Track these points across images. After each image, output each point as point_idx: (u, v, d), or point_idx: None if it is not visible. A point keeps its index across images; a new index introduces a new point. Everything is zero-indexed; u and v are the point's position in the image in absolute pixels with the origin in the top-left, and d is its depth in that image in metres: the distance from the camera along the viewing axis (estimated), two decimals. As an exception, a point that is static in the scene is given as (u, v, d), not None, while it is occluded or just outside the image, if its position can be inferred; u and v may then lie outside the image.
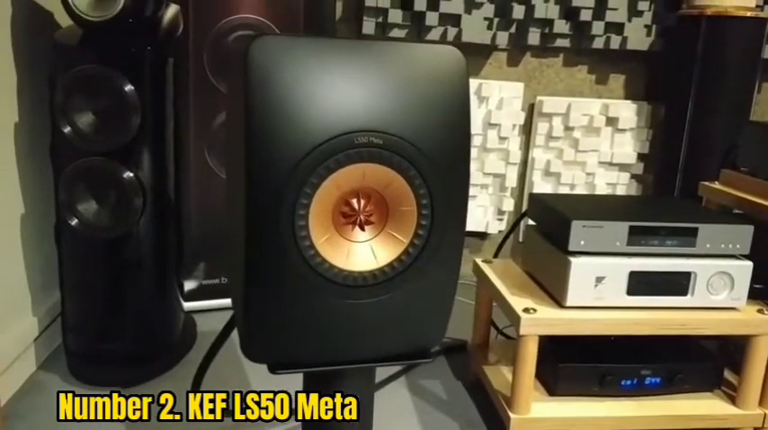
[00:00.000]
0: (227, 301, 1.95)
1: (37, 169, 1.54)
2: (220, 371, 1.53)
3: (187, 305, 1.86)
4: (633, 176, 2.27)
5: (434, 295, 0.55)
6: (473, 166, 2.21)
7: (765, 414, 1.37)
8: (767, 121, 1.54)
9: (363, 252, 0.52)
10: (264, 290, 0.50)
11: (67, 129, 1.35)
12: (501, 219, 2.29)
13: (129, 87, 1.38)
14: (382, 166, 0.49)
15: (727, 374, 1.46)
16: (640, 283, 1.29)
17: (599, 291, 1.28)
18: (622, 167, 2.26)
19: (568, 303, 1.28)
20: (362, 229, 0.52)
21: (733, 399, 1.39)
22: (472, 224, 2.26)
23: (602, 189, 2.26)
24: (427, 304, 0.55)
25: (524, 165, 2.27)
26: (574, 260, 1.27)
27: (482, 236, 2.33)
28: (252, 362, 0.60)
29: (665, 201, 1.47)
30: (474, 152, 2.20)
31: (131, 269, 1.50)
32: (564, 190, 2.26)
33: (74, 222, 1.40)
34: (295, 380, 0.64)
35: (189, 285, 1.91)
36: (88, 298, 1.50)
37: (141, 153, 1.44)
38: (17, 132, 1.46)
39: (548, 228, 1.39)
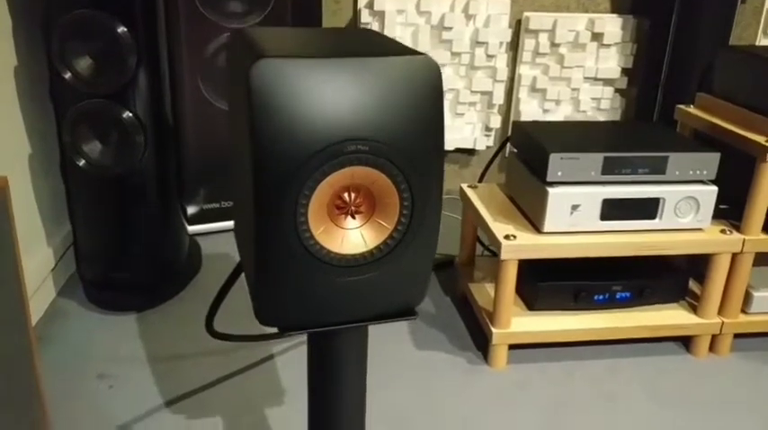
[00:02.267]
0: (227, 224, 2.06)
1: (38, 110, 1.60)
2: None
3: (190, 229, 1.97)
4: (617, 91, 2.33)
5: (415, 267, 0.64)
6: (461, 84, 2.26)
7: (723, 322, 1.51)
8: (743, 47, 1.58)
9: (354, 237, 0.61)
10: (272, 273, 0.60)
11: (68, 75, 1.40)
12: (488, 136, 2.36)
13: (122, 29, 1.42)
14: (368, 168, 0.58)
15: (693, 285, 1.59)
16: (613, 209, 1.39)
17: (574, 218, 1.39)
18: (606, 82, 2.31)
19: (546, 229, 1.39)
20: (353, 218, 0.61)
21: (695, 309, 1.53)
22: (461, 141, 2.33)
23: (586, 104, 2.32)
24: (410, 274, 0.64)
25: (511, 81, 2.31)
26: (551, 190, 1.36)
27: (470, 152, 2.41)
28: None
29: (639, 129, 1.55)
30: (462, 70, 2.25)
31: (137, 200, 1.59)
32: (550, 106, 2.32)
33: (81, 163, 1.47)
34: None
35: (191, 210, 2.01)
36: (98, 229, 1.60)
37: (139, 91, 1.49)
38: (17, 76, 1.50)
39: (528, 158, 1.48)
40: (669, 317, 1.51)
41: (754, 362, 1.53)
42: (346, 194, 0.59)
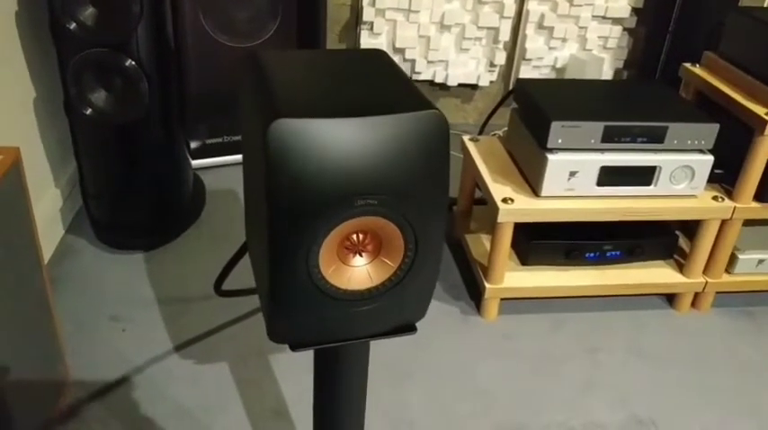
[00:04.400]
0: (229, 158, 2.08)
1: (41, 54, 1.59)
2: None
3: (193, 163, 2.00)
4: (626, 30, 2.29)
5: (417, 296, 0.69)
6: (467, 18, 2.22)
7: (706, 281, 1.58)
8: (755, 10, 1.56)
9: (361, 274, 0.65)
10: (284, 304, 0.65)
11: (72, 26, 1.38)
12: (492, 71, 2.34)
13: (124, -25, 1.39)
14: (376, 218, 0.61)
15: (682, 241, 1.65)
16: (609, 176, 1.42)
17: (571, 183, 1.42)
18: (615, 21, 2.27)
19: (543, 194, 1.42)
20: (360, 256, 0.65)
21: (681, 268, 1.59)
22: (464, 76, 2.32)
23: (593, 42, 2.29)
24: (412, 302, 0.69)
25: (518, 17, 2.27)
26: (551, 157, 1.39)
27: (473, 87, 2.40)
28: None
29: (641, 92, 1.55)
30: (469, 4, 2.20)
31: (141, 142, 1.61)
32: (555, 43, 2.29)
33: (88, 112, 1.48)
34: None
35: (193, 145, 2.03)
36: (104, 171, 1.62)
37: (142, 39, 1.47)
38: (19, 20, 1.49)
39: (529, 119, 1.49)
40: (655, 275, 1.58)
41: (733, 318, 1.61)
42: (355, 236, 0.63)
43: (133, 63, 1.47)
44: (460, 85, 2.37)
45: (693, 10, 2.04)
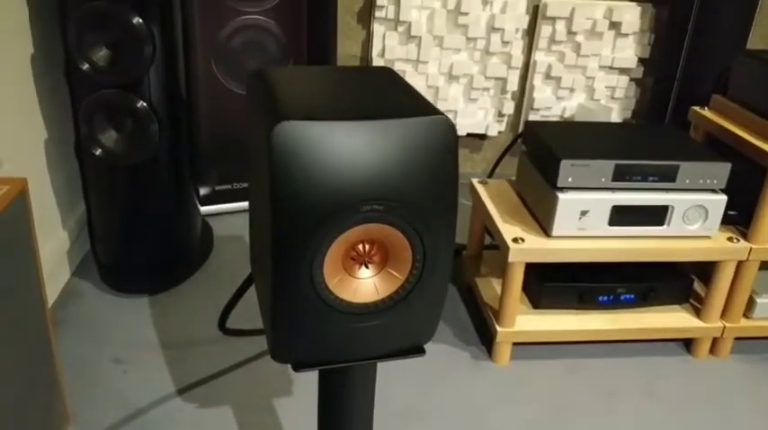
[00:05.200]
0: (238, 205, 2.08)
1: (54, 96, 1.61)
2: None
3: (202, 210, 2.00)
4: (632, 80, 2.31)
5: (426, 312, 0.67)
6: (475, 69, 2.25)
7: (724, 326, 1.53)
8: (761, 52, 1.57)
9: (367, 287, 0.63)
10: (288, 318, 0.62)
11: (85, 66, 1.40)
12: (501, 121, 2.36)
13: (137, 20, 1.42)
14: (382, 225, 0.60)
15: (698, 285, 1.61)
16: (621, 215, 1.40)
17: (583, 223, 1.40)
18: (622, 71, 2.29)
19: (554, 233, 1.40)
20: (367, 268, 0.63)
21: (698, 312, 1.55)
22: (473, 126, 2.33)
23: (600, 92, 2.31)
24: (420, 318, 0.67)
25: (526, 68, 2.30)
26: (561, 196, 1.37)
27: (482, 137, 2.41)
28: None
29: (651, 133, 1.54)
30: (477, 55, 2.23)
31: (151, 185, 1.61)
32: (563, 93, 2.31)
33: (98, 152, 1.49)
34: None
35: (203, 191, 2.04)
36: (112, 213, 1.62)
37: (154, 80, 1.49)
38: (34, 64, 1.51)
39: (539, 160, 1.48)
40: (672, 319, 1.54)
41: (753, 365, 1.56)
42: (361, 246, 0.61)
43: (144, 104, 1.48)
44: (469, 135, 2.38)
45: (700, 57, 2.05)
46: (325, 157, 0.56)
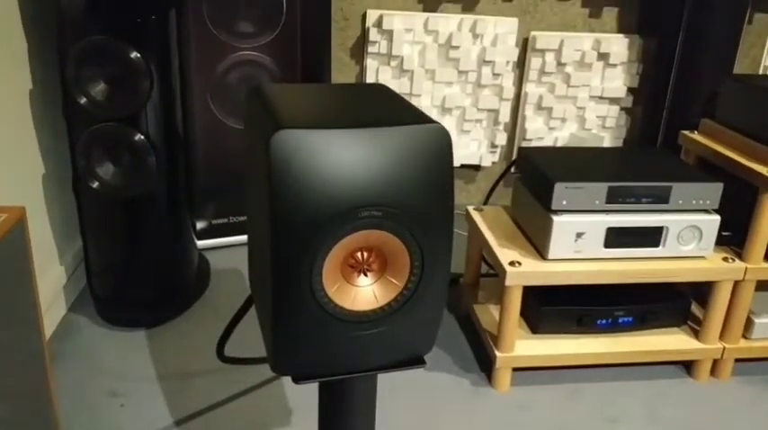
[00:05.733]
0: (236, 239, 2.08)
1: (52, 131, 1.63)
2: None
3: (199, 244, 2.00)
4: (623, 110, 2.35)
5: (425, 320, 0.67)
6: (468, 101, 2.28)
7: (724, 347, 1.53)
8: (748, 76, 1.60)
9: (366, 294, 0.63)
10: (288, 327, 0.62)
11: (83, 100, 1.42)
12: (494, 152, 2.38)
13: (135, 54, 1.45)
14: (381, 231, 0.60)
15: (695, 308, 1.61)
16: (616, 237, 1.41)
17: (578, 245, 1.41)
18: (612, 101, 2.33)
19: (550, 256, 1.41)
20: (365, 276, 0.63)
21: (697, 334, 1.55)
22: (467, 157, 2.35)
23: (592, 122, 2.34)
24: (419, 327, 0.67)
25: (517, 99, 2.34)
26: (556, 218, 1.38)
27: (476, 168, 2.43)
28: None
29: (643, 156, 1.57)
30: (468, 88, 2.27)
31: (148, 218, 1.61)
32: (555, 123, 2.34)
33: (95, 185, 1.50)
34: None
35: (199, 225, 2.04)
36: (109, 247, 1.62)
37: (151, 114, 1.51)
38: (32, 98, 1.53)
39: (533, 184, 1.50)
40: (671, 341, 1.54)
41: (754, 387, 1.55)
42: (359, 254, 0.62)
43: (142, 137, 1.50)
44: (463, 166, 2.40)
45: (687, 85, 2.09)
46: (323, 165, 0.57)
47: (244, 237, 2.10)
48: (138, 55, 1.44)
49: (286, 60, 1.96)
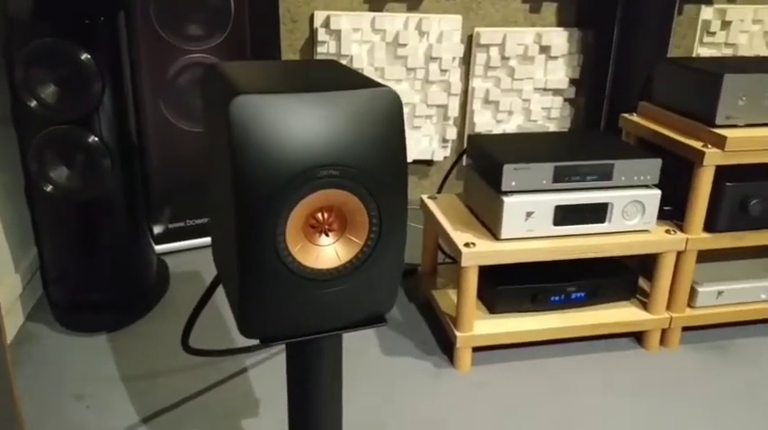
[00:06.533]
0: (193, 242, 2.09)
1: (1, 136, 1.61)
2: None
3: (157, 248, 1.99)
4: (566, 100, 2.44)
5: (385, 278, 0.70)
6: (417, 98, 2.34)
7: (671, 317, 1.61)
8: (679, 59, 1.69)
9: (329, 253, 0.67)
10: (254, 289, 0.65)
11: (33, 104, 1.42)
12: (445, 147, 2.44)
13: (85, 56, 1.45)
14: (339, 190, 0.64)
15: (643, 283, 1.68)
16: (564, 215, 1.47)
17: (529, 224, 1.47)
18: (556, 92, 2.41)
19: (503, 236, 1.46)
20: (327, 236, 0.67)
21: (645, 306, 1.62)
22: (419, 153, 2.41)
23: (537, 113, 2.42)
24: (380, 285, 0.70)
25: (465, 94, 2.40)
26: (506, 199, 1.44)
27: (428, 163, 2.49)
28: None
29: (586, 138, 1.64)
30: (417, 85, 2.32)
31: (104, 222, 1.61)
32: (502, 116, 2.41)
33: (48, 188, 1.50)
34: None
35: (156, 230, 2.04)
36: (66, 252, 1.61)
37: (104, 116, 1.52)
38: (-20, 104, 1.52)
39: (483, 169, 1.55)
40: (621, 314, 1.61)
41: (702, 353, 1.63)
42: (320, 214, 0.65)
43: (96, 139, 1.50)
44: (416, 162, 2.45)
45: (625, 74, 2.19)
46: (281, 128, 0.61)
47: (201, 240, 2.10)
48: (89, 56, 1.45)
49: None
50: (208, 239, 2.12)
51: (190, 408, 1.40)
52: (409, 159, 2.41)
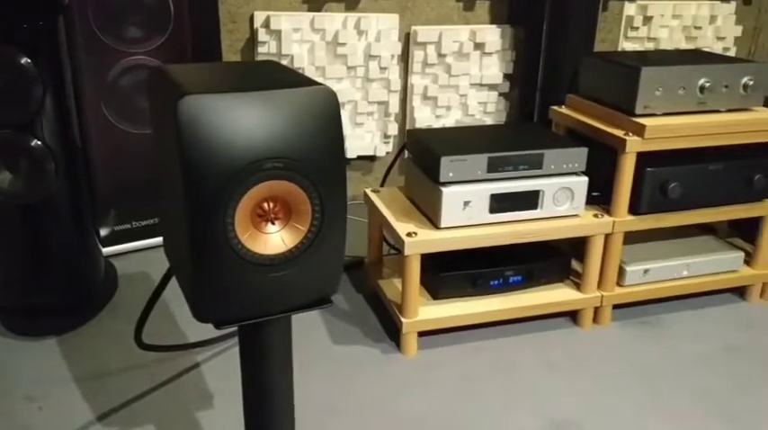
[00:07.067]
0: (140, 243, 2.10)
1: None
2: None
3: (104, 251, 2.00)
4: (501, 95, 2.54)
5: (329, 261, 0.76)
6: (358, 95, 2.40)
7: (602, 296, 1.71)
8: (603, 53, 1.80)
9: (275, 240, 0.72)
10: (208, 275, 0.70)
11: (-27, 109, 1.42)
12: (387, 142, 2.51)
13: (25, 60, 1.46)
14: (283, 181, 0.69)
15: (575, 265, 1.79)
16: (499, 203, 1.56)
17: (467, 213, 1.55)
18: (491, 87, 2.51)
19: (442, 225, 1.54)
20: (273, 224, 0.72)
21: (578, 286, 1.73)
22: (362, 149, 2.47)
23: (474, 108, 2.51)
24: (324, 268, 0.76)
25: (404, 91, 2.47)
26: (444, 190, 1.51)
27: (371, 158, 2.55)
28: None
29: (518, 129, 1.73)
30: (358, 82, 2.38)
31: (51, 225, 1.62)
32: (441, 111, 2.49)
33: (-8, 193, 1.50)
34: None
35: (102, 232, 2.04)
36: (12, 256, 1.62)
37: (47, 120, 1.52)
38: None
39: (422, 162, 1.62)
40: (556, 295, 1.70)
41: (631, 328, 1.74)
42: (266, 204, 0.71)
43: (39, 143, 1.51)
44: (359, 158, 2.51)
45: (555, 67, 2.29)
46: (227, 125, 0.66)
47: (148, 242, 2.12)
48: (29, 60, 1.46)
49: (177, 63, 2.00)
50: (154, 241, 2.14)
51: (144, 405, 1.42)
52: (353, 155, 2.47)
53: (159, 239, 2.14)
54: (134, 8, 1.89)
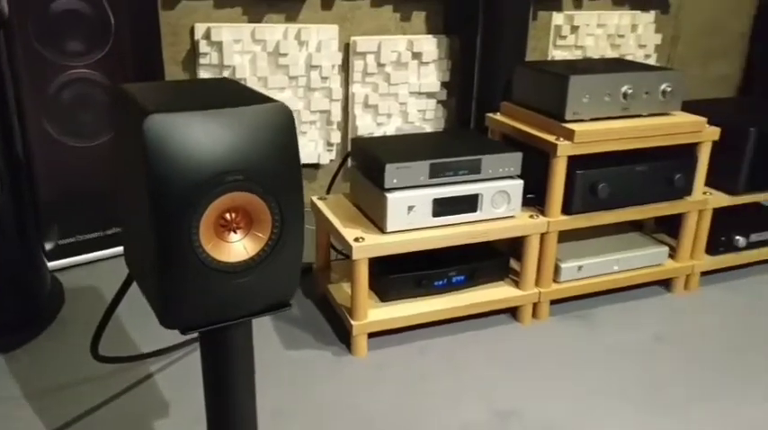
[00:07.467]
0: (85, 257, 2.09)
1: None
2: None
3: (49, 265, 1.99)
4: (439, 102, 2.63)
5: (287, 267, 0.82)
6: (301, 105, 2.44)
7: (540, 292, 1.81)
8: (534, 63, 1.90)
9: (238, 248, 0.77)
10: (173, 281, 0.74)
11: None
12: (330, 150, 2.56)
13: (-34, 77, 1.45)
14: (244, 193, 0.74)
15: (514, 264, 1.88)
16: (441, 207, 1.64)
17: (411, 217, 1.62)
18: (429, 95, 2.60)
19: (388, 229, 1.60)
20: (235, 233, 0.77)
21: (517, 284, 1.82)
22: (306, 157, 2.51)
23: (414, 115, 2.59)
24: (284, 273, 0.81)
25: (346, 99, 2.53)
26: (389, 196, 1.58)
27: (315, 166, 2.60)
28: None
29: (457, 136, 1.82)
30: (300, 92, 2.43)
31: (-8, 243, 1.61)
32: (382, 119, 2.56)
33: (-66, 211, 1.48)
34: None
35: (47, 247, 2.02)
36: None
37: (-12, 137, 1.52)
38: None
39: (367, 169, 1.69)
40: (497, 293, 1.79)
41: (568, 322, 1.85)
42: (228, 215, 0.76)
43: (-19, 159, 1.50)
44: (304, 166, 2.56)
45: (489, 75, 2.40)
46: (190, 141, 0.70)
47: (93, 255, 2.11)
48: (-30, 77, 1.45)
49: (119, 76, 2.01)
50: (99, 254, 2.13)
51: (99, 417, 1.43)
52: (296, 164, 2.51)
53: (104, 252, 2.13)
54: (74, 22, 1.89)
